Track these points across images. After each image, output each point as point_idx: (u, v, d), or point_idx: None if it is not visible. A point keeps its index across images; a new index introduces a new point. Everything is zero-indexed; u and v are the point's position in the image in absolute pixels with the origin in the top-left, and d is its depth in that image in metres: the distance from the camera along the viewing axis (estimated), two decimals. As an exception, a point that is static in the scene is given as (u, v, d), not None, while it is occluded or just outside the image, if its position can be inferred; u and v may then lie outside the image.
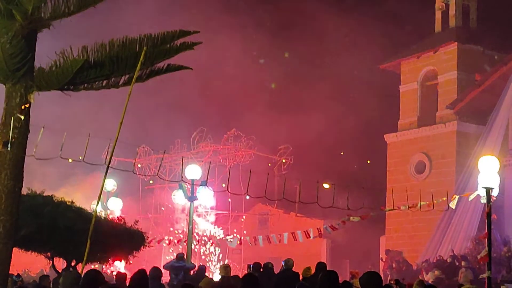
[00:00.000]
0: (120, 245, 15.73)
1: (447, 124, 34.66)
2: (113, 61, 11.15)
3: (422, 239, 32.67)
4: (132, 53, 11.11)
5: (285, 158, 38.62)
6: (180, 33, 11.54)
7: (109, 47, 11.22)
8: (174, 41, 11.56)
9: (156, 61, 11.36)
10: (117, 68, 11.24)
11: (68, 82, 11.13)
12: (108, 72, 11.23)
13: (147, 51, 10.89)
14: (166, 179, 32.71)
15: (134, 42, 11.17)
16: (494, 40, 35.26)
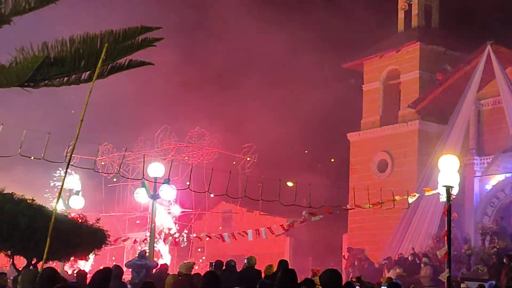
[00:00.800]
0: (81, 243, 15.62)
1: (409, 123, 34.97)
2: (74, 58, 11.08)
3: (384, 237, 32.93)
4: (93, 49, 11.05)
5: (249, 157, 38.65)
6: (142, 29, 11.50)
7: (70, 44, 11.15)
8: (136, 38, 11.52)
9: (118, 57, 11.30)
10: (78, 65, 11.17)
11: (29, 79, 11.04)
12: (69, 69, 11.16)
13: (108, 48, 10.83)
14: (129, 177, 32.58)
15: (95, 39, 11.10)
16: (456, 40, 35.65)
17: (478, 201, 31.85)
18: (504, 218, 30.60)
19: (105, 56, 10.82)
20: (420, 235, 31.49)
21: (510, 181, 31.09)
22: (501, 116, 30.69)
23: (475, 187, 31.99)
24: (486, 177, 32.03)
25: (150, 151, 36.38)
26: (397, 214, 30.60)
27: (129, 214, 38.64)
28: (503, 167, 31.46)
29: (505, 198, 31.33)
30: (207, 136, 37.47)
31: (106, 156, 37.07)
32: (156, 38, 11.53)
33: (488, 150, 32.44)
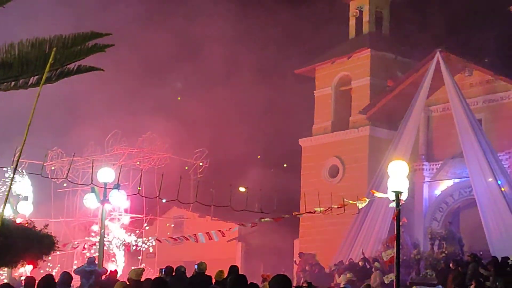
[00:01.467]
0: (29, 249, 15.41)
1: (360, 129, 35.25)
2: (22, 62, 10.94)
3: (335, 242, 33.10)
4: (41, 54, 10.91)
5: (201, 162, 38.55)
6: (92, 35, 11.40)
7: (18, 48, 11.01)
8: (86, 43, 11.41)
9: (66, 62, 11.17)
10: (26, 69, 11.02)
11: (-25, 83, 10.88)
12: (16, 73, 11.01)
13: (57, 52, 10.71)
14: (79, 183, 32.25)
15: (44, 43, 10.97)
16: (406, 47, 36.04)
17: (427, 206, 32.26)
18: (453, 223, 31.07)
19: (53, 61, 10.68)
20: (370, 240, 31.76)
21: (458, 187, 31.54)
22: (450, 122, 31.12)
23: (424, 193, 32.42)
24: (435, 182, 32.47)
25: (100, 156, 36.07)
26: (348, 219, 30.81)
27: (78, 219, 38.25)
28: (451, 172, 31.92)
29: (454, 204, 31.79)
30: (159, 141, 37.28)
31: (56, 161, 36.65)
32: (107, 44, 11.44)
33: (437, 156, 32.89)
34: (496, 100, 31.48)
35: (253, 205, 32.58)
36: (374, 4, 37.44)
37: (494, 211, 28.45)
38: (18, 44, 11.08)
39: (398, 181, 16.83)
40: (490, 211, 28.55)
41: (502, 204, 28.28)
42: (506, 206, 28.19)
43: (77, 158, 34.24)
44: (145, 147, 37.45)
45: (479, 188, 29.18)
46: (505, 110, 30.96)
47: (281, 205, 29.53)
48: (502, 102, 31.26)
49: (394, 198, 16.86)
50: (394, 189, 16.80)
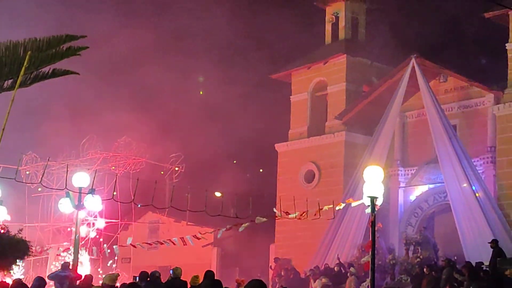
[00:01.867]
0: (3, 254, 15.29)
1: (336, 134, 35.32)
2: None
3: (311, 247, 33.14)
4: (16, 57, 10.85)
5: (177, 166, 38.45)
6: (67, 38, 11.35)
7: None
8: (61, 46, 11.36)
9: (41, 66, 11.12)
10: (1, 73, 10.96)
11: None
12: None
13: (32, 56, 10.65)
14: (53, 187, 32.03)
15: (18, 46, 10.91)
16: (382, 53, 36.13)
17: (402, 212, 32.42)
18: (427, 228, 31.25)
19: (28, 64, 10.63)
20: (346, 245, 31.82)
21: (433, 192, 31.72)
22: (425, 128, 31.29)
23: (399, 198, 32.57)
24: (410, 188, 32.65)
25: (75, 161, 35.88)
26: (323, 225, 30.85)
27: (53, 224, 38.00)
28: (426, 178, 32.09)
29: (428, 209, 31.95)
30: (134, 146, 37.14)
31: (31, 165, 36.40)
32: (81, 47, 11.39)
33: (412, 161, 33.07)
34: (471, 106, 31.70)
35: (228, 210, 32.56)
36: (350, 10, 37.56)
37: (469, 216, 28.63)
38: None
39: (373, 186, 16.90)
40: (465, 216, 28.73)
41: (477, 210, 28.46)
42: (480, 212, 28.37)
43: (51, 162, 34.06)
44: (121, 151, 37.29)
45: (454, 193, 29.36)
46: (480, 116, 31.18)
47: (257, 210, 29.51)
48: (477, 108, 31.49)
49: (369, 203, 16.93)
50: (370, 194, 16.86)
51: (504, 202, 28.94)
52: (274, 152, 38.54)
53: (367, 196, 17.04)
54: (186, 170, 38.69)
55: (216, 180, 41.85)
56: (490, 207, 28.55)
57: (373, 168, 17.18)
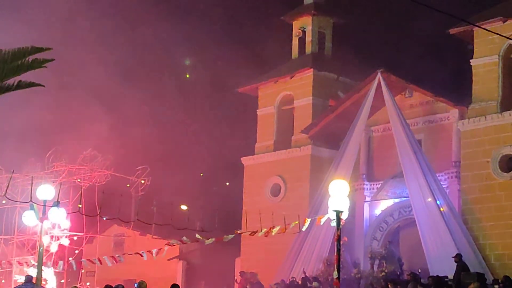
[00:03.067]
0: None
1: (302, 148, 35.40)
2: (-40, 77, 10.76)
3: (277, 261, 33.11)
4: (-20, 69, 10.76)
5: (143, 179, 38.27)
6: (32, 50, 11.29)
7: (-43, 62, 10.83)
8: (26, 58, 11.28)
9: (6, 78, 11.04)
10: (-35, 84, 10.86)
11: None
12: (-46, 88, 10.83)
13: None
14: (18, 199, 31.71)
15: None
16: (348, 67, 36.40)
17: (367, 226, 32.56)
18: (392, 242, 31.39)
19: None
20: (311, 259, 31.84)
21: (398, 206, 31.91)
22: (391, 142, 31.47)
23: (365, 212, 32.71)
24: (375, 202, 32.81)
25: (40, 173, 35.57)
26: (289, 238, 30.86)
27: (17, 237, 37.58)
28: (392, 192, 32.29)
29: (394, 223, 32.14)
30: (100, 158, 36.91)
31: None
32: (47, 59, 11.33)
33: (377, 175, 33.24)
34: (436, 121, 31.98)
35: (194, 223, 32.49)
36: (316, 25, 37.75)
37: (433, 230, 28.82)
38: (-44, 59, 10.89)
39: (339, 200, 16.92)
40: (429, 230, 28.91)
41: (441, 224, 28.65)
42: (444, 226, 28.56)
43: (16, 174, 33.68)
44: (86, 164, 37.03)
45: (419, 208, 29.53)
46: (444, 131, 31.45)
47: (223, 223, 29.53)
48: (442, 123, 31.76)
49: (335, 217, 16.96)
50: (335, 208, 16.88)
51: (468, 217, 29.16)
52: (240, 165, 38.53)
53: (333, 210, 17.07)
54: (151, 183, 38.51)
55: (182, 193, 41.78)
56: (454, 221, 28.76)
57: (338, 182, 17.20)
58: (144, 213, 32.57)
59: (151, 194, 37.62)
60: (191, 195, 42.73)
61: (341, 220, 17.15)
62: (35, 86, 11.62)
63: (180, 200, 39.47)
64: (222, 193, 43.93)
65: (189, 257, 39.79)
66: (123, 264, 38.39)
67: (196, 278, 38.52)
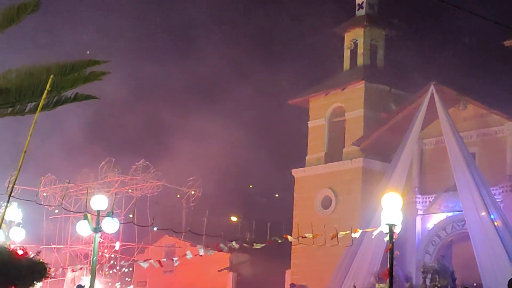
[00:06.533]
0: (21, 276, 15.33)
1: (353, 160, 35.20)
2: (19, 88, 10.94)
3: (327, 274, 32.93)
4: (39, 81, 10.92)
5: (194, 190, 38.49)
6: (90, 62, 11.44)
7: (16, 74, 11.02)
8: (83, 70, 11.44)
9: (64, 89, 11.19)
10: (23, 96, 11.03)
11: (-28, 108, 10.87)
12: (13, 99, 11.01)
13: (54, 80, 10.72)
14: (71, 209, 32.15)
15: (41, 70, 10.99)
16: (400, 79, 36.16)
17: (420, 240, 32.19)
18: (445, 256, 31.01)
19: (50, 88, 10.70)
20: (362, 272, 31.60)
21: (451, 220, 31.53)
22: (444, 155, 31.16)
23: (417, 226, 32.34)
24: (428, 215, 32.44)
25: (94, 183, 36.00)
26: (339, 251, 30.66)
27: (70, 246, 38.07)
28: (444, 206, 31.91)
29: (446, 237, 31.75)
30: (152, 169, 37.23)
31: (49, 187, 36.55)
32: (104, 72, 11.47)
33: (430, 189, 32.86)
34: (490, 134, 31.56)
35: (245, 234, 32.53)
36: (368, 37, 37.59)
37: (487, 245, 28.43)
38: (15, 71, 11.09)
39: (391, 213, 16.80)
40: (483, 245, 28.52)
41: (495, 238, 28.27)
42: (498, 240, 28.17)
43: (71, 185, 34.20)
44: (138, 175, 37.38)
45: (472, 222, 29.17)
46: (499, 144, 31.03)
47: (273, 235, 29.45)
48: (496, 136, 31.34)
49: (387, 230, 16.83)
50: (388, 221, 16.76)
51: (522, 231, 28.70)
52: (291, 177, 38.47)
53: (385, 223, 16.94)
54: (202, 194, 38.71)
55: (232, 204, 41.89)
56: (508, 236, 28.34)
57: (391, 195, 17.07)
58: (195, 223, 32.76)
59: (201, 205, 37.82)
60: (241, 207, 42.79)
61: (394, 234, 17.03)
62: (92, 99, 11.78)
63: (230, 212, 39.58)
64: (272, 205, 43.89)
65: (239, 269, 39.80)
66: (174, 275, 38.75)
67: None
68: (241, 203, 43.57)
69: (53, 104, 11.38)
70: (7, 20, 11.33)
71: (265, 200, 47.56)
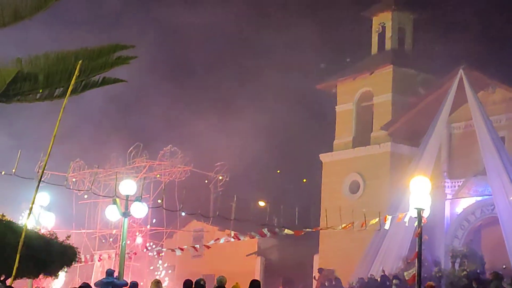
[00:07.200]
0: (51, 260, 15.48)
1: (381, 145, 35.08)
2: (47, 74, 11.00)
3: (355, 258, 32.91)
4: (67, 66, 10.97)
5: (221, 175, 38.56)
6: (117, 47, 11.47)
7: (44, 60, 11.07)
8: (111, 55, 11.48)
9: (92, 74, 11.24)
10: (52, 81, 11.09)
11: (1, 94, 10.94)
12: (42, 85, 11.07)
13: (82, 65, 10.78)
14: (100, 194, 32.33)
15: (69, 55, 11.04)
16: (429, 63, 35.90)
17: (448, 224, 32.02)
18: (474, 241, 30.84)
19: (78, 73, 10.76)
20: (390, 257, 31.54)
21: (480, 205, 31.32)
22: (473, 139, 30.94)
23: (446, 210, 32.16)
24: (456, 200, 32.24)
25: (122, 169, 36.19)
26: (368, 236, 30.64)
27: (99, 231, 38.37)
28: (474, 190, 31.70)
29: (475, 221, 31.56)
30: (180, 154, 37.33)
31: (77, 172, 36.82)
32: (131, 57, 11.50)
33: (459, 173, 32.63)
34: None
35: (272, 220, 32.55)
36: (396, 21, 37.36)
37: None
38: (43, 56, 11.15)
39: (420, 198, 16.72)
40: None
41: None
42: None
43: (99, 170, 34.41)
44: (166, 160, 37.51)
45: (502, 206, 28.98)
46: (529, 128, 30.77)
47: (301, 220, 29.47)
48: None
49: (416, 215, 16.77)
50: (417, 206, 16.69)
51: (552, 215, 28.46)
52: (318, 162, 38.41)
53: (414, 207, 16.87)
54: (230, 179, 38.77)
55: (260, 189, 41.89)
56: (537, 220, 28.14)
57: (420, 179, 17.00)
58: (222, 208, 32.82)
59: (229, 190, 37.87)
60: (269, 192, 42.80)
61: (423, 218, 16.96)
62: (120, 82, 11.82)
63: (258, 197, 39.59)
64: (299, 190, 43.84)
65: (267, 253, 39.88)
66: (202, 259, 38.90)
67: (274, 274, 38.54)
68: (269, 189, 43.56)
69: (81, 89, 11.44)
70: (35, 6, 11.36)
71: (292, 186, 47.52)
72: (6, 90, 10.84)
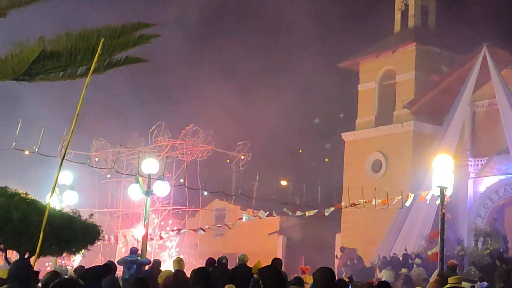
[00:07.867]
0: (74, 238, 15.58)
1: (404, 124, 34.93)
2: (70, 52, 10.97)
3: (377, 237, 32.90)
4: (89, 44, 10.94)
5: (243, 155, 38.60)
6: (139, 25, 11.42)
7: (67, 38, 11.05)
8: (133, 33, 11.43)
9: (114, 53, 11.19)
10: (74, 60, 11.06)
11: (24, 73, 10.93)
12: (64, 64, 11.05)
13: (105, 43, 10.75)
14: (123, 173, 32.50)
15: (92, 34, 11.01)
16: (452, 41, 35.64)
17: (471, 203, 31.88)
18: (497, 219, 30.67)
19: (101, 51, 10.73)
20: (413, 236, 31.47)
21: (503, 183, 31.13)
22: (496, 118, 30.73)
23: (469, 189, 32.01)
24: (479, 178, 32.07)
25: (144, 148, 36.32)
26: (390, 215, 30.60)
27: (122, 210, 38.61)
28: (497, 169, 31.50)
29: (499, 200, 31.38)
30: (201, 133, 37.40)
31: (100, 151, 36.99)
32: (153, 35, 11.46)
33: (482, 151, 32.44)
34: (544, 96, 30.97)
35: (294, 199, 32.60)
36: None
37: (540, 208, 28.09)
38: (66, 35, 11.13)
39: (443, 176, 16.68)
40: (536, 208, 28.19)
41: (548, 201, 27.91)
42: (552, 204, 27.80)
43: (122, 149, 34.55)
44: (188, 139, 37.60)
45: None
46: (553, 106, 30.44)
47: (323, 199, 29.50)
48: (550, 98, 30.75)
49: (439, 193, 16.73)
50: (439, 184, 16.66)
51: None
52: (340, 141, 38.35)
53: (437, 186, 16.83)
54: (252, 158, 38.81)
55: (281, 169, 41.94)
56: (562, 199, 27.95)
57: (443, 158, 16.97)
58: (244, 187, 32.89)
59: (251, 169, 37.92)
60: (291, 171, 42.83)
61: (445, 197, 16.92)
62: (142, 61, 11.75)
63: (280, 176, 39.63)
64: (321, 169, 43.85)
65: (289, 232, 39.97)
66: (224, 238, 39.07)
67: (296, 253, 38.63)
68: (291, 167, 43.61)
69: (103, 68, 11.39)
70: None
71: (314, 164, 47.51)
72: (29, 69, 10.83)
